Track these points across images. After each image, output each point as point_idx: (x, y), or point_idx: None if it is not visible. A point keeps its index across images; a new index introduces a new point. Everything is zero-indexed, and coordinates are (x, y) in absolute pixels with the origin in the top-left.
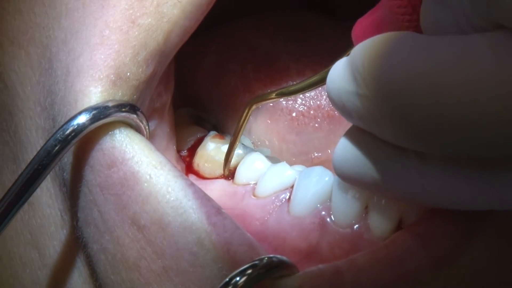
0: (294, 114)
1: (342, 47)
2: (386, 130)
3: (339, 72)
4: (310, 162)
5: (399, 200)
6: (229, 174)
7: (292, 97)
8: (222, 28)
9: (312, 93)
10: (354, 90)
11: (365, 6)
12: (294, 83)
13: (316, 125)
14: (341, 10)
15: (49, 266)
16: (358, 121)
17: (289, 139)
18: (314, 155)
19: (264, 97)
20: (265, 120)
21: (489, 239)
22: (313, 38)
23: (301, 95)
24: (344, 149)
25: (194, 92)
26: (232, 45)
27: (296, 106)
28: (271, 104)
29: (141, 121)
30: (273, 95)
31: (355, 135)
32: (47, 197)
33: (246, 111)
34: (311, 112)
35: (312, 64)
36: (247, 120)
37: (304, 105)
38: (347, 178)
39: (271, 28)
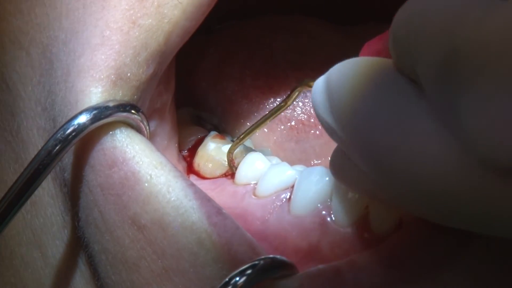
0: (293, 123)
1: (344, 55)
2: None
3: (319, 98)
4: None
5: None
6: (232, 161)
7: (290, 107)
8: (221, 31)
9: None
10: (331, 123)
11: (366, 11)
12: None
13: (317, 132)
14: (343, 15)
15: (52, 266)
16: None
17: (287, 147)
18: (314, 162)
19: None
20: (262, 129)
21: (490, 238)
22: (314, 46)
23: (300, 104)
24: (338, 156)
25: (194, 92)
26: (231, 50)
27: (295, 115)
28: (267, 112)
29: (141, 121)
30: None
31: None
32: (49, 196)
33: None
34: (312, 120)
35: (313, 73)
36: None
37: (304, 113)
38: (344, 183)
39: (271, 35)
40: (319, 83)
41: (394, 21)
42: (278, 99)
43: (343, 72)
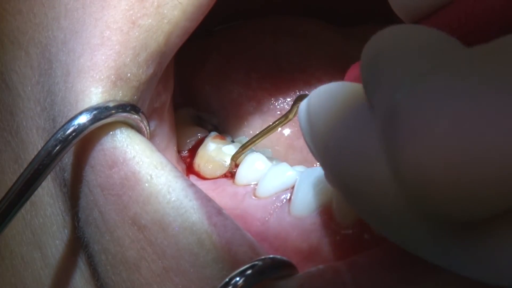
0: None
1: (346, 56)
2: None
3: (302, 121)
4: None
5: None
6: (233, 169)
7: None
8: (222, 34)
9: None
10: (310, 146)
11: (365, 12)
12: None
13: None
14: (342, 17)
15: (51, 266)
16: None
17: (296, 146)
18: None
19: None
20: None
21: None
22: (316, 48)
23: None
24: None
25: (195, 95)
26: (234, 53)
27: None
28: (279, 113)
29: (141, 121)
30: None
31: None
32: (49, 196)
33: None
34: None
35: (318, 74)
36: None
37: None
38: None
39: (274, 37)
40: (302, 106)
41: (361, 60)
42: (288, 99)
43: (321, 98)
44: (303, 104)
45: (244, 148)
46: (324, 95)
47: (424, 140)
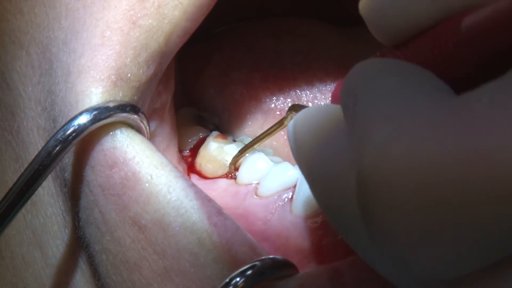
0: None
1: (347, 56)
2: None
3: (290, 140)
4: None
5: None
6: (233, 173)
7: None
8: (224, 36)
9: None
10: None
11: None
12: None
13: None
14: (340, 17)
15: (52, 266)
16: None
17: None
18: None
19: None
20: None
21: None
22: (317, 48)
23: (310, 104)
24: None
25: (197, 94)
26: (236, 54)
27: None
28: (278, 113)
29: (142, 121)
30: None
31: None
32: (49, 196)
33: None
34: None
35: (320, 74)
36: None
37: None
38: None
39: (275, 37)
40: (290, 127)
41: (341, 94)
42: (289, 99)
43: (306, 122)
44: (290, 125)
45: (241, 153)
46: (308, 119)
47: (388, 210)
